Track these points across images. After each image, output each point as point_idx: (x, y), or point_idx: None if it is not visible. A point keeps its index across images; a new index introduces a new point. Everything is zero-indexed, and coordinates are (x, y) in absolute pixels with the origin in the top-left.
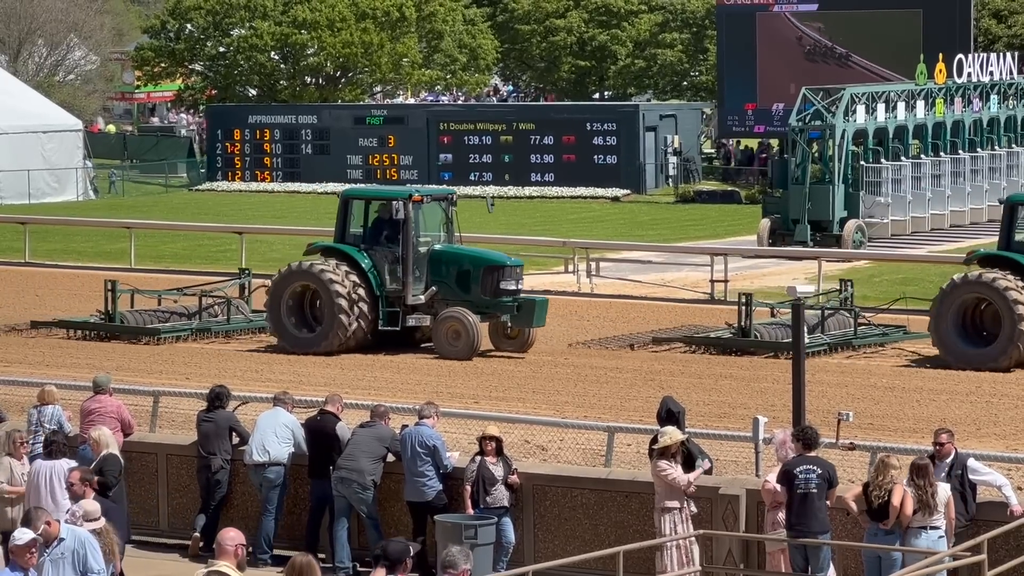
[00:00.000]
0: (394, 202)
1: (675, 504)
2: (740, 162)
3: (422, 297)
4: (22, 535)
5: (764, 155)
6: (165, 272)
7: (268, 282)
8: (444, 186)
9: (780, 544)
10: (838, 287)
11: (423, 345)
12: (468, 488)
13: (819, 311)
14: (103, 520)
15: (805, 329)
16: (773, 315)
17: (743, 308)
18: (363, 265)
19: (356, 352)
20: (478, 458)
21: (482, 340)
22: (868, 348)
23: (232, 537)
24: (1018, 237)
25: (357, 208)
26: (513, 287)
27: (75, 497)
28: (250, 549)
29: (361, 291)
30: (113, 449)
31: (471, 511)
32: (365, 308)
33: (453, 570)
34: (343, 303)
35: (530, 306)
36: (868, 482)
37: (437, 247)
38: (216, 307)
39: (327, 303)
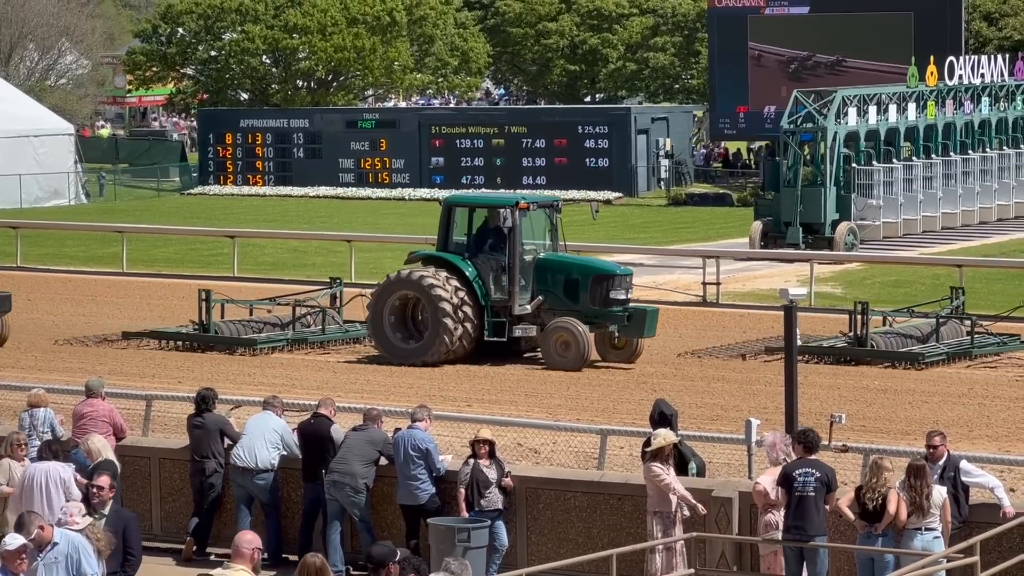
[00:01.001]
0: (500, 209)
1: (667, 507)
2: (730, 165)
3: (528, 307)
4: (12, 540)
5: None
6: (241, 279)
7: (364, 292)
8: (547, 192)
9: (773, 546)
10: (949, 295)
11: (525, 355)
12: (462, 491)
13: (933, 320)
14: (89, 518)
15: (934, 338)
16: (885, 323)
17: (858, 317)
18: (467, 274)
19: (459, 363)
20: (471, 461)
21: (591, 351)
22: (986, 358)
23: (249, 540)
24: None
25: (460, 215)
26: (623, 296)
27: (101, 501)
28: (265, 554)
29: (466, 301)
30: (109, 454)
31: (465, 514)
32: (470, 318)
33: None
34: (448, 313)
35: (641, 316)
36: (861, 485)
37: (543, 255)
38: (309, 317)
39: (431, 313)
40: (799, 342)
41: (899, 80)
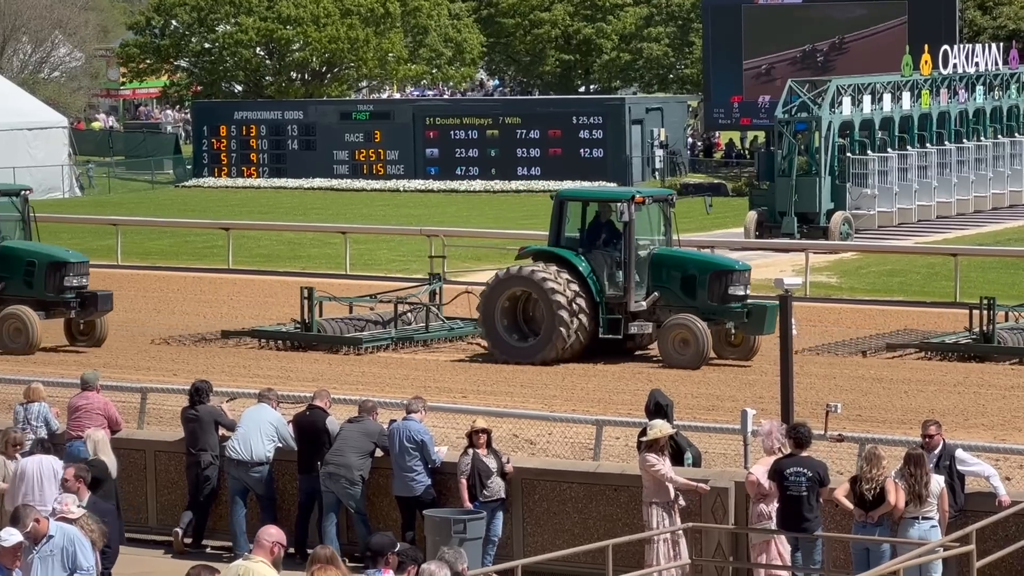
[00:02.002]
0: (616, 204)
1: (663, 498)
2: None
3: (643, 303)
4: (9, 536)
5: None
6: (331, 276)
7: (469, 289)
8: (661, 187)
9: (765, 536)
10: None
11: (636, 353)
12: (464, 482)
13: None
14: (84, 510)
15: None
16: (1007, 319)
17: (985, 312)
18: (581, 270)
19: (572, 361)
20: (471, 451)
21: (710, 348)
22: None
23: (272, 534)
24: None
25: (573, 210)
26: (741, 292)
27: (68, 493)
28: (291, 549)
29: (581, 297)
30: (103, 455)
31: (469, 505)
32: (585, 315)
33: (452, 569)
34: (563, 310)
35: (761, 312)
36: (857, 476)
37: (658, 250)
38: (409, 314)
39: (546, 310)
40: (924, 340)
41: (893, 69)
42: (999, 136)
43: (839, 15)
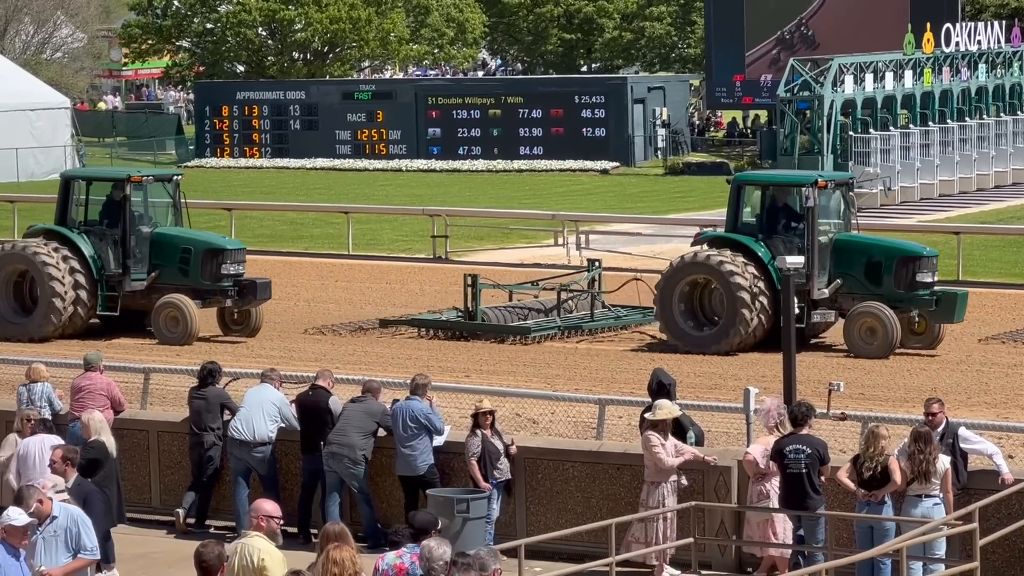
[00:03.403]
0: (801, 188)
1: (665, 477)
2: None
3: (826, 291)
4: (19, 517)
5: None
6: (493, 265)
7: (638, 276)
8: (842, 171)
9: (764, 515)
10: None
11: (812, 342)
12: (475, 464)
13: None
14: (65, 494)
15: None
16: None
17: None
18: (761, 255)
19: (753, 351)
20: (479, 432)
21: (899, 337)
22: None
23: (265, 509)
24: None
25: (751, 194)
26: (929, 279)
27: (56, 474)
28: (293, 529)
29: (761, 284)
30: (102, 436)
31: (487, 485)
32: (766, 302)
33: (484, 571)
34: (745, 297)
35: (951, 299)
36: (859, 454)
37: (841, 236)
38: (571, 302)
39: (727, 299)
40: None
41: (895, 47)
42: (1001, 114)
43: None
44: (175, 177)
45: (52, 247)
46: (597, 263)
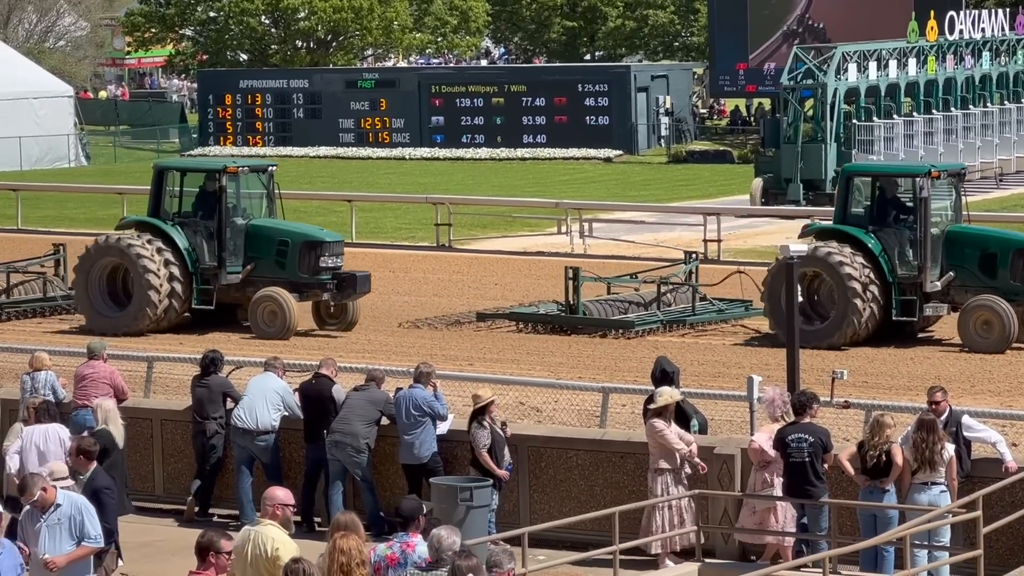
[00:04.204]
0: (913, 179)
1: (669, 465)
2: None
3: (939, 283)
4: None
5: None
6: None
7: (741, 268)
8: (958, 161)
9: (768, 503)
10: None
11: (919, 336)
12: (486, 455)
13: None
14: (70, 481)
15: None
16: None
17: None
18: (871, 247)
19: (864, 345)
20: (485, 423)
21: (1016, 331)
22: None
23: (278, 497)
24: None
25: (861, 185)
26: None
27: (76, 467)
28: (297, 518)
29: (872, 276)
30: (111, 425)
31: (505, 473)
32: (877, 297)
33: (499, 569)
34: (856, 287)
35: None
36: (863, 441)
37: (953, 227)
38: (669, 295)
39: (839, 293)
40: None
41: (899, 35)
42: (1005, 102)
43: None
44: (270, 168)
45: (146, 239)
46: (695, 255)
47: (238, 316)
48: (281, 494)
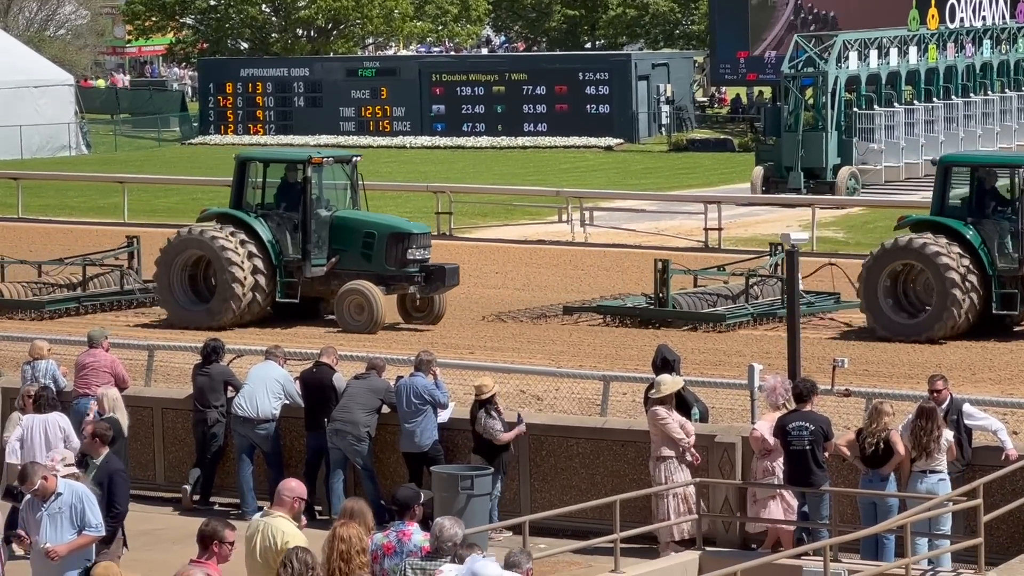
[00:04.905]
0: (1015, 169)
1: (671, 452)
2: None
3: None
4: None
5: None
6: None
7: (832, 261)
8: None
9: (770, 491)
10: None
11: (1016, 329)
12: (505, 436)
13: None
14: (73, 468)
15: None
16: None
17: None
18: (970, 238)
19: (962, 339)
20: (494, 412)
21: None
22: None
23: (292, 488)
24: None
25: (959, 176)
26: None
27: (89, 450)
28: (308, 502)
29: (971, 270)
30: (116, 413)
31: (521, 428)
32: (976, 288)
33: (518, 569)
34: (955, 278)
35: None
36: (861, 428)
37: None
38: (756, 288)
39: (937, 286)
40: None
41: (900, 23)
42: (1006, 90)
43: None
44: (354, 158)
45: (229, 231)
46: (780, 248)
47: (321, 309)
48: (298, 486)
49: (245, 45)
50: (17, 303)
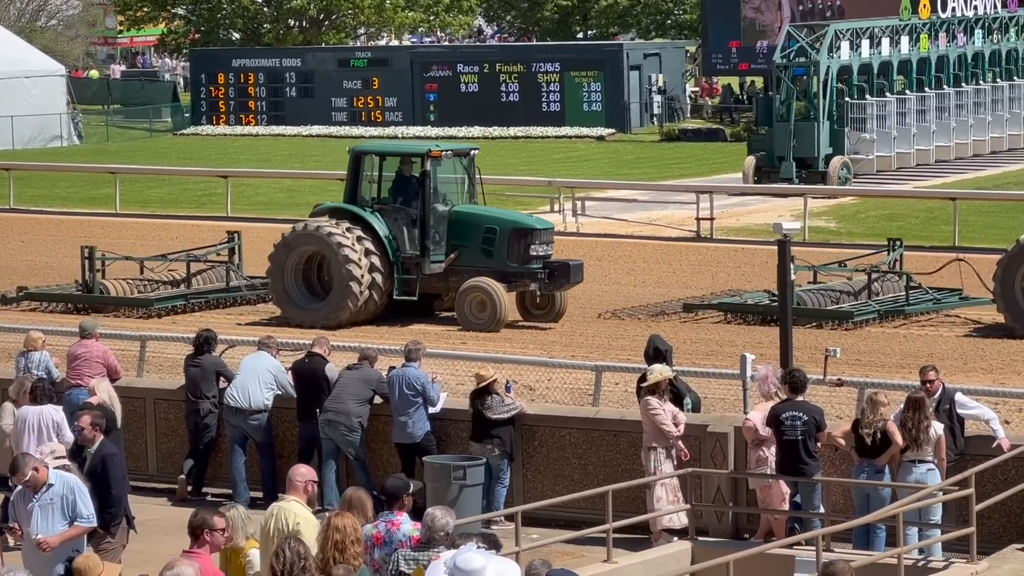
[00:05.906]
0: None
1: (663, 442)
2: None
3: None
4: None
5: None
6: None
7: (961, 256)
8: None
9: (764, 481)
10: None
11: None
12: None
13: None
14: (64, 460)
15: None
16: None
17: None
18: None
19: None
20: (496, 395)
21: None
22: None
23: (303, 473)
24: None
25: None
26: None
27: (85, 441)
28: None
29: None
30: (112, 402)
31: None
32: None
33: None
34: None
35: None
36: (858, 419)
37: None
38: (876, 283)
39: None
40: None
41: (891, 13)
42: (998, 80)
43: None
44: (472, 152)
45: (345, 227)
46: (899, 242)
47: (434, 306)
48: (308, 471)
49: (237, 35)
50: (124, 300)
